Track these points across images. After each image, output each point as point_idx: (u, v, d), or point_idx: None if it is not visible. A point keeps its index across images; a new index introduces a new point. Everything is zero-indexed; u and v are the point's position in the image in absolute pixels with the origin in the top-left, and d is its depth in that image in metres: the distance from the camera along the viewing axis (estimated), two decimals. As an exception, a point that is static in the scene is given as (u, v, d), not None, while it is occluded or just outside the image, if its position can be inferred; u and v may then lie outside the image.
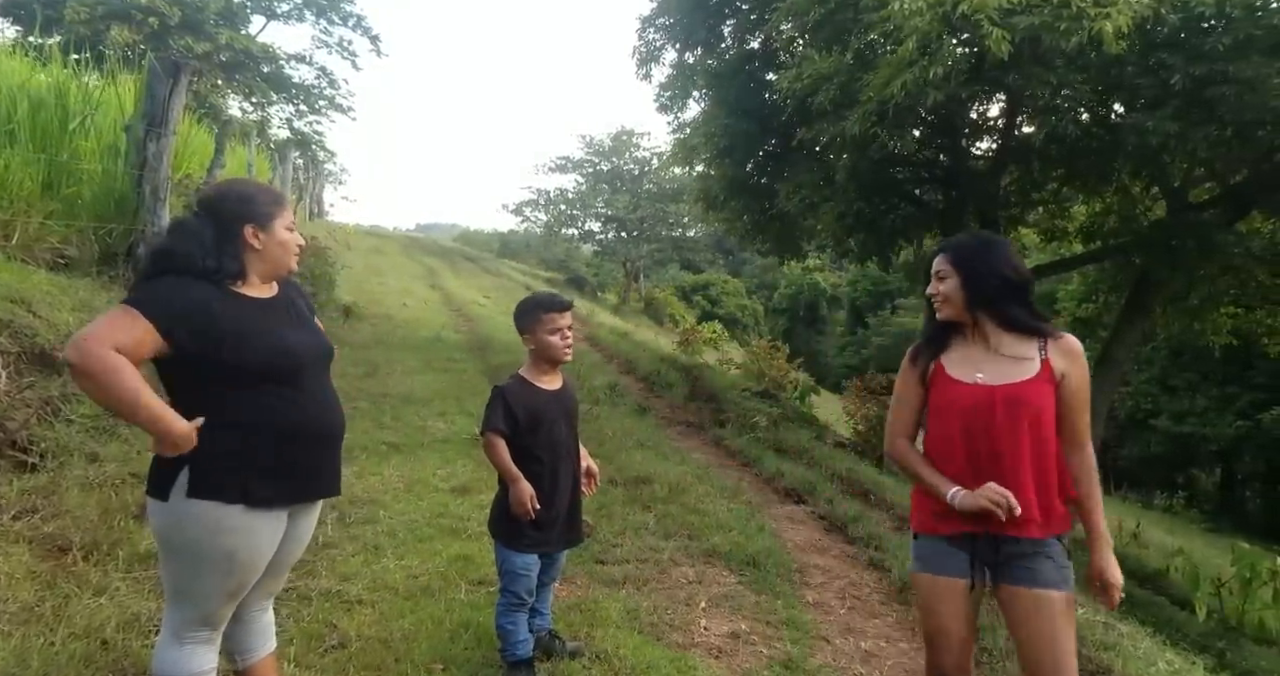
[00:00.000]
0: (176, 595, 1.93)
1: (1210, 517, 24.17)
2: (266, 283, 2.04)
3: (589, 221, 29.77)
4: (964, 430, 2.23)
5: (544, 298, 2.85)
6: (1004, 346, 2.25)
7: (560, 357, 2.81)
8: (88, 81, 6.62)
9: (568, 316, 2.81)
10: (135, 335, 1.77)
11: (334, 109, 26.81)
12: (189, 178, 7.18)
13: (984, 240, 2.35)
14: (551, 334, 2.76)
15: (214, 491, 1.84)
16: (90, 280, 5.38)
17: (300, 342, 2.00)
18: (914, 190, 11.46)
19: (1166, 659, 3.89)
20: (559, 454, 2.79)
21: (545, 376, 2.84)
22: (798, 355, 15.86)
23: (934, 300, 2.35)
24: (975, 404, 2.22)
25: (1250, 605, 6.65)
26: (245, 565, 1.91)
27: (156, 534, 1.94)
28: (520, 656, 2.70)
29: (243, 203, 1.98)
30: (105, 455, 3.87)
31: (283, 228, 2.02)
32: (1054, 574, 2.16)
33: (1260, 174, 9.22)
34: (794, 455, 7.20)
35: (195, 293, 1.87)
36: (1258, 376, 23.82)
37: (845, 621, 3.77)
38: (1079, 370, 2.19)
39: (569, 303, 2.86)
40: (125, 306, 1.81)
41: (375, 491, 4.59)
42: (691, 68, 11.42)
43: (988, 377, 2.24)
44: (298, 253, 2.07)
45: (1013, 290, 2.24)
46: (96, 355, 1.73)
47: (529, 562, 2.73)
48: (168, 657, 1.94)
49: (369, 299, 13.39)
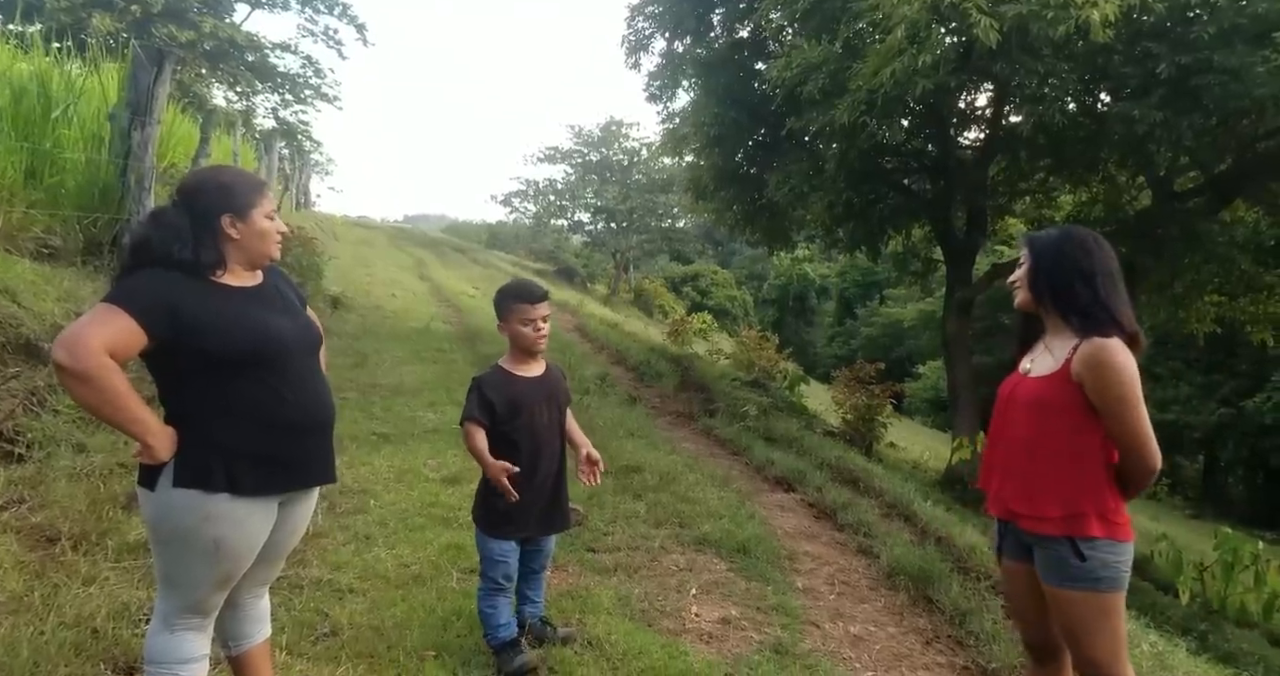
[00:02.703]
0: (166, 583, 1.94)
1: (1193, 504, 24.49)
2: (249, 271, 2.02)
3: (578, 212, 29.75)
4: (999, 417, 2.34)
5: (517, 287, 2.83)
6: (1055, 340, 2.27)
7: (531, 348, 2.79)
8: (70, 70, 6.53)
9: (541, 307, 2.77)
10: (123, 335, 1.77)
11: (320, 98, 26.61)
12: (174, 167, 7.11)
13: (1064, 230, 2.35)
14: (523, 324, 2.75)
15: (199, 480, 1.84)
16: (75, 270, 5.32)
17: (284, 329, 1.99)
18: (902, 180, 11.50)
19: (1150, 641, 3.94)
20: (539, 440, 2.78)
21: (524, 365, 2.82)
22: (787, 345, 15.91)
23: (1013, 286, 2.38)
24: (1011, 394, 2.33)
25: (1232, 589, 6.75)
26: (233, 553, 1.90)
27: (146, 523, 1.95)
28: (503, 638, 2.72)
29: (220, 192, 1.96)
30: (92, 445, 3.84)
31: (261, 216, 1.99)
32: (1061, 569, 2.18)
33: (1244, 162, 9.30)
34: (783, 444, 7.24)
35: (176, 285, 1.86)
36: (1240, 364, 24.08)
37: (834, 606, 3.81)
38: (1094, 378, 2.12)
39: (543, 293, 2.81)
40: (108, 305, 1.80)
41: (365, 481, 4.58)
42: (681, 57, 11.40)
43: (1033, 369, 2.30)
44: (279, 241, 2.05)
45: (1081, 279, 2.21)
46: (91, 359, 1.72)
47: (505, 548, 2.75)
48: (158, 644, 1.94)
49: (357, 290, 13.32)
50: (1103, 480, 2.18)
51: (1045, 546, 2.22)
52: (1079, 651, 2.22)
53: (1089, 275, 2.21)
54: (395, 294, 14.10)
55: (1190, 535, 12.58)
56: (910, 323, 34.35)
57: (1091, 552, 2.13)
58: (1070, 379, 2.16)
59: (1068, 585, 2.17)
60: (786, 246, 14.17)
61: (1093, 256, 2.23)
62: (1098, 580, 2.14)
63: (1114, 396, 2.11)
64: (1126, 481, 2.19)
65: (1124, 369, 2.10)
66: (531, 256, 33.03)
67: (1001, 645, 3.47)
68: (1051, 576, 2.21)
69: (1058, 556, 2.18)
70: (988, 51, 7.17)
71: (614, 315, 18.16)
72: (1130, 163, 9.53)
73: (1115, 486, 2.19)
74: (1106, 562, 2.14)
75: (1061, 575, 2.18)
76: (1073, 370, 2.16)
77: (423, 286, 16.14)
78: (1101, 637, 2.16)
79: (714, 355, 13.21)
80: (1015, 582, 2.39)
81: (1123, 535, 2.17)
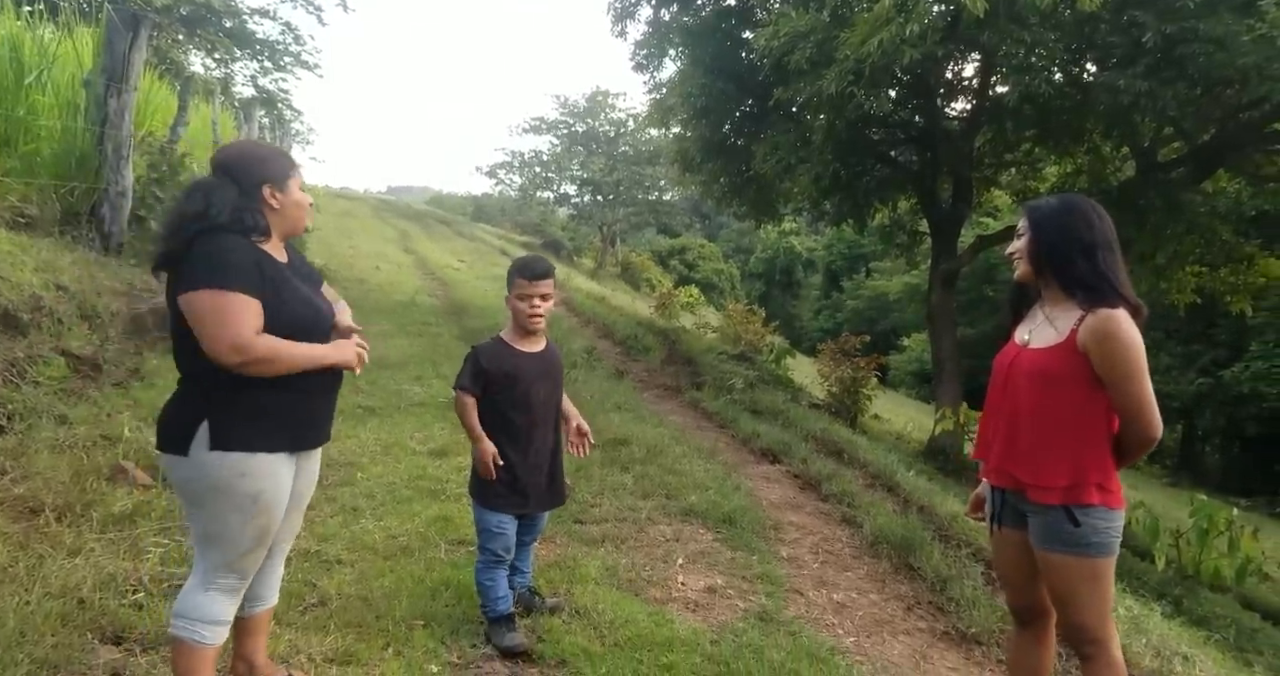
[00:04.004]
0: (206, 542, 2.00)
1: (1171, 472, 24.92)
2: (282, 242, 2.11)
3: (564, 184, 29.52)
4: (998, 387, 2.34)
5: (522, 262, 2.79)
6: (1056, 310, 2.27)
7: (525, 325, 2.75)
8: (43, 34, 6.37)
9: (541, 285, 2.72)
10: (256, 316, 1.88)
11: (300, 66, 26.03)
12: (152, 135, 6.98)
13: (1065, 201, 2.31)
14: (520, 300, 2.72)
15: (237, 442, 1.92)
16: (53, 240, 5.25)
17: (321, 306, 2.12)
18: (889, 151, 11.47)
19: (1126, 605, 4.03)
20: (535, 416, 2.76)
21: (523, 340, 2.79)
22: (773, 318, 15.95)
23: (1012, 257, 2.36)
24: (1009, 363, 2.33)
25: (1206, 555, 6.89)
26: (269, 506, 1.99)
27: (180, 487, 2.01)
28: (501, 611, 2.74)
29: (260, 163, 2.04)
30: (74, 417, 3.82)
31: (297, 187, 2.09)
32: (1054, 533, 2.20)
33: (1226, 132, 9.34)
34: (769, 416, 7.28)
35: (252, 251, 1.95)
36: (1220, 334, 24.41)
37: (818, 575, 3.86)
38: (1100, 350, 2.12)
39: (543, 271, 2.74)
40: (216, 291, 1.84)
41: (352, 454, 4.58)
42: (667, 25, 11.24)
43: (1032, 340, 2.30)
44: (310, 213, 2.16)
45: (1082, 252, 2.20)
46: (255, 351, 1.86)
47: (503, 521, 2.75)
48: (191, 600, 2.00)
49: (341, 262, 13.21)
50: (1106, 450, 2.20)
51: (1042, 513, 2.24)
52: (1067, 615, 2.26)
53: (1091, 248, 2.20)
54: (379, 267, 14.00)
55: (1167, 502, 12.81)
56: (896, 295, 34.48)
57: (1085, 519, 2.16)
58: (1076, 350, 2.16)
59: (1060, 549, 2.20)
60: (773, 219, 14.12)
61: (1094, 229, 2.22)
62: (1089, 545, 2.17)
63: (1121, 368, 2.12)
64: (1124, 450, 2.22)
65: (1130, 340, 2.11)
66: (517, 229, 32.80)
67: (980, 610, 3.54)
68: (1044, 541, 2.24)
69: (1053, 522, 2.21)
70: (975, 20, 7.11)
71: (601, 289, 18.12)
72: (1115, 133, 9.53)
73: (1113, 455, 2.22)
74: (1098, 529, 2.17)
75: (1055, 540, 2.21)
76: (1079, 341, 2.16)
77: (407, 259, 16.03)
78: (1090, 602, 2.20)
79: (701, 328, 13.23)
80: (1007, 549, 2.42)
81: (1115, 502, 2.20)
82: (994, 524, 2.46)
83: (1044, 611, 2.40)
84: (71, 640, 2.32)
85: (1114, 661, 2.23)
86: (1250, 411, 23.06)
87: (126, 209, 5.85)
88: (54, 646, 2.27)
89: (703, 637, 2.96)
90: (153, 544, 2.98)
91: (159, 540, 3.01)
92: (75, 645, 2.31)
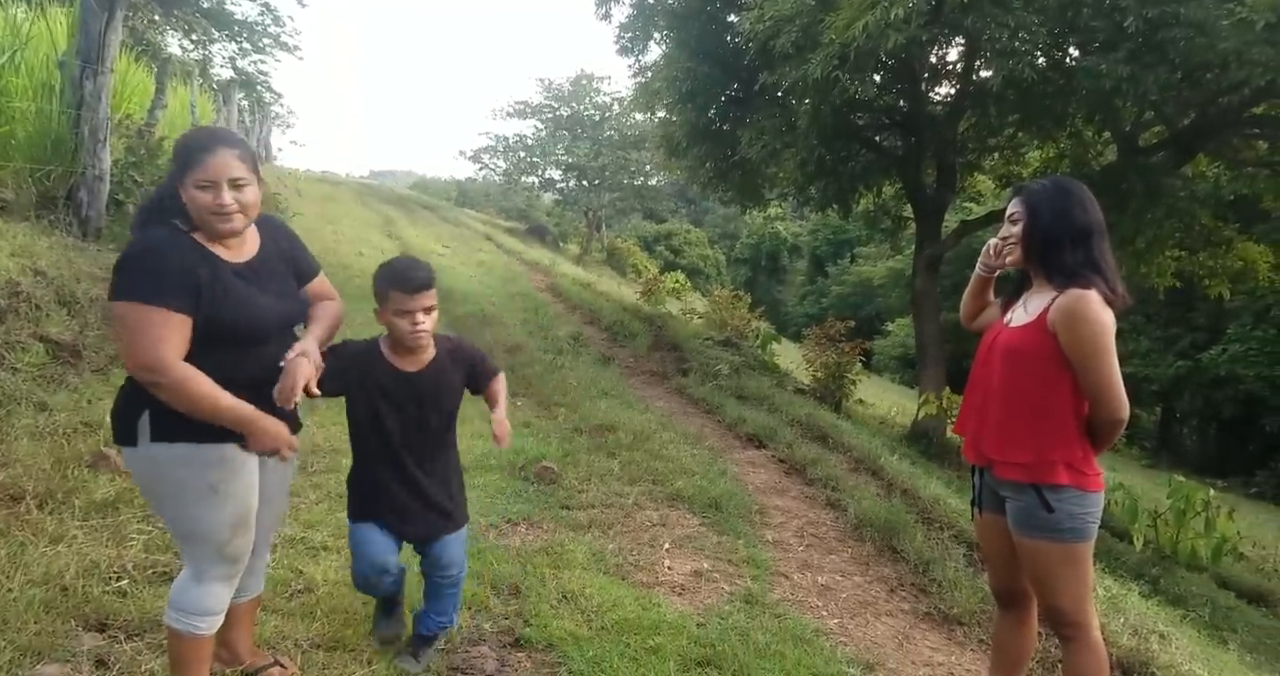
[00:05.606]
0: (184, 538, 1.96)
1: (1150, 454, 25.28)
2: (227, 241, 1.92)
3: (549, 169, 29.26)
4: (980, 364, 2.39)
5: (394, 271, 2.27)
6: (1036, 294, 2.30)
7: (408, 344, 2.30)
8: (15, 14, 6.23)
9: (422, 298, 2.24)
10: (177, 329, 1.77)
11: (279, 47, 25.76)
12: (129, 118, 6.86)
13: (1059, 184, 2.31)
14: (399, 316, 2.25)
15: (177, 432, 1.85)
16: (29, 224, 5.16)
17: (269, 310, 1.95)
18: (874, 136, 11.46)
19: (1105, 585, 4.09)
20: (394, 443, 2.33)
21: (400, 356, 2.34)
22: (759, 304, 15.95)
23: (1006, 243, 2.36)
24: (989, 344, 2.38)
25: (1183, 535, 7.01)
26: (234, 494, 1.92)
27: (138, 481, 1.96)
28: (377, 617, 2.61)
29: (175, 155, 1.88)
30: (55, 404, 3.78)
31: (192, 184, 1.81)
32: (1029, 518, 2.23)
33: (1206, 117, 9.40)
34: (755, 402, 7.32)
35: (183, 255, 1.82)
36: (1199, 318, 24.69)
37: (803, 558, 3.90)
38: (1067, 331, 2.15)
39: (423, 281, 2.25)
40: (138, 305, 1.75)
41: (337, 440, 4.55)
42: (652, 8, 11.14)
43: (1014, 321, 2.33)
44: (227, 215, 1.84)
45: (1076, 237, 2.21)
46: (168, 374, 1.76)
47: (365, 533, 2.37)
48: (185, 594, 1.96)
49: (323, 248, 13.06)
50: (1072, 430, 2.21)
51: (1015, 496, 2.27)
52: (1046, 599, 2.29)
53: (1086, 232, 2.22)
54: (363, 252, 13.86)
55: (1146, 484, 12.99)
56: (880, 280, 34.61)
57: (1059, 503, 2.18)
58: (1046, 328, 2.19)
59: (1035, 534, 2.23)
60: (759, 204, 14.09)
61: (1089, 213, 2.24)
62: (1064, 530, 2.19)
63: (1086, 347, 2.14)
64: (1095, 433, 2.23)
65: (1098, 320, 2.13)
66: (502, 214, 32.58)
67: (962, 591, 3.59)
68: (1020, 526, 2.27)
69: (1026, 506, 2.24)
70: (959, 4, 7.11)
71: (586, 274, 18.05)
72: (1097, 118, 9.57)
73: (1085, 438, 2.23)
74: (1073, 514, 2.19)
75: (1029, 525, 2.24)
76: (1049, 319, 2.19)
77: (391, 245, 15.88)
78: (1068, 586, 2.23)
79: (687, 314, 13.23)
80: (989, 533, 2.46)
81: (1091, 486, 2.21)
82: (975, 508, 2.50)
83: (1025, 594, 2.44)
84: (55, 627, 2.31)
85: (1093, 643, 2.27)
86: (1227, 394, 23.39)
87: (104, 193, 5.76)
88: (37, 633, 2.26)
89: (689, 620, 2.99)
90: (136, 530, 2.96)
91: (142, 527, 2.99)
92: (59, 632, 2.30)
